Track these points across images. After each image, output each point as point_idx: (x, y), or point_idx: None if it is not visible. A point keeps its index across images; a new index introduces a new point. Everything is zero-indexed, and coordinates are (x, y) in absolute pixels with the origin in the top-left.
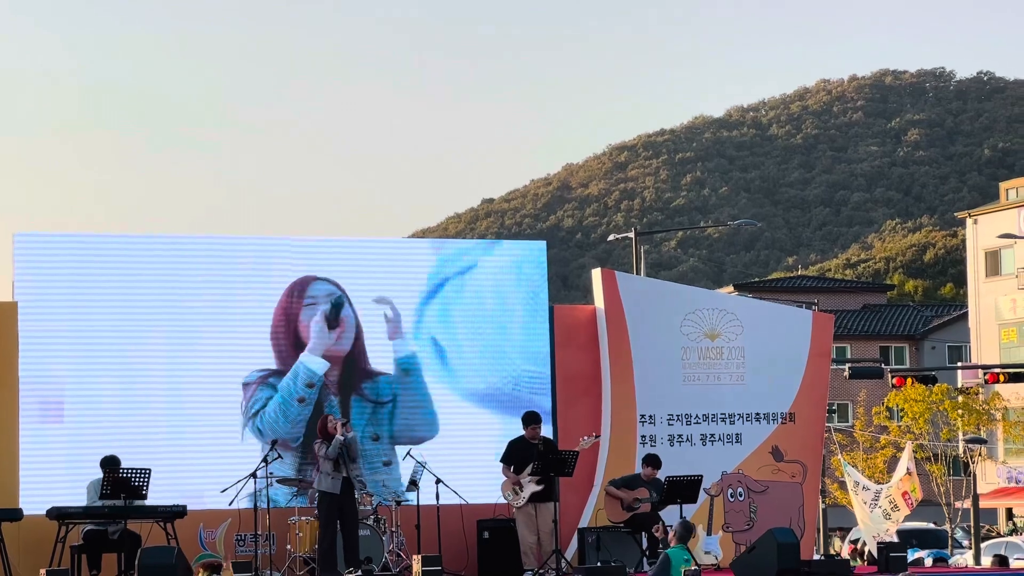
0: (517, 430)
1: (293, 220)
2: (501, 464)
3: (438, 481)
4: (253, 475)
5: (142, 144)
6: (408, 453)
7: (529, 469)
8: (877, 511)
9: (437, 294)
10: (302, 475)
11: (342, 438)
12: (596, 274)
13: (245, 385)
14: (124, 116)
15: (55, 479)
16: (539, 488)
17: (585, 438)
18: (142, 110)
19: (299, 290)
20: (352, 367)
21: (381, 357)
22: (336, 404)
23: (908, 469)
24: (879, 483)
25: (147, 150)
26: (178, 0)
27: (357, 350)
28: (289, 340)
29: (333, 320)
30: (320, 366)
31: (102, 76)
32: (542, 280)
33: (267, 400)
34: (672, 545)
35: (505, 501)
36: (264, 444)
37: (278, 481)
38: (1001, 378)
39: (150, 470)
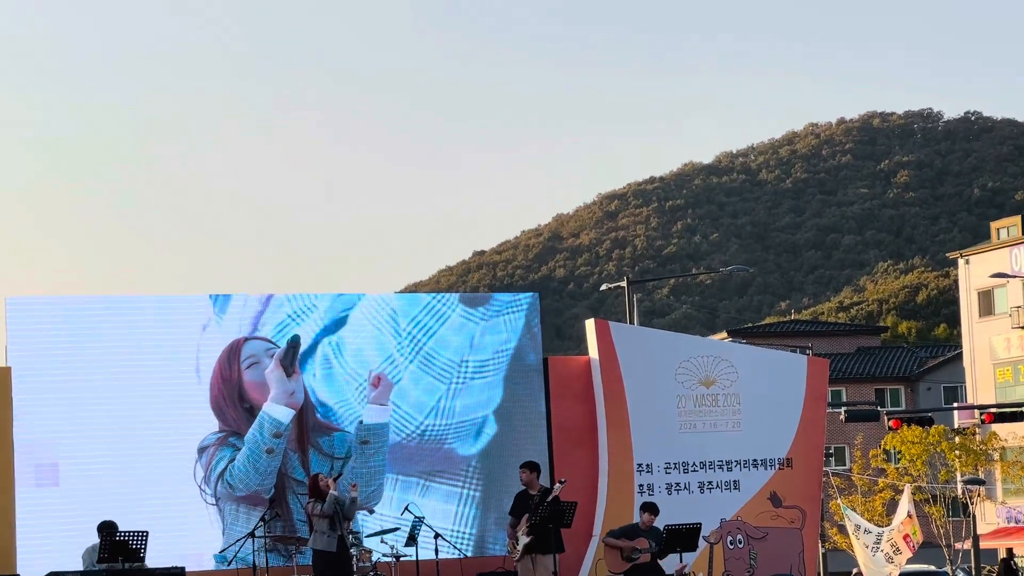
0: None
1: (286, 277)
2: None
3: (437, 536)
4: (251, 535)
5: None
6: (406, 508)
7: (524, 520)
8: (879, 555)
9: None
10: (289, 532)
11: (336, 494)
12: (590, 324)
13: (201, 449)
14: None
15: (52, 543)
16: (528, 539)
17: (555, 486)
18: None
19: (234, 353)
20: (305, 421)
21: (342, 415)
22: (296, 461)
23: (908, 512)
24: (880, 526)
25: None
26: (168, 62)
27: (308, 403)
28: (233, 403)
29: (289, 365)
30: (285, 415)
31: (88, 134)
32: (536, 332)
33: (232, 457)
34: None
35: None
36: (233, 500)
37: (274, 539)
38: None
39: (147, 532)
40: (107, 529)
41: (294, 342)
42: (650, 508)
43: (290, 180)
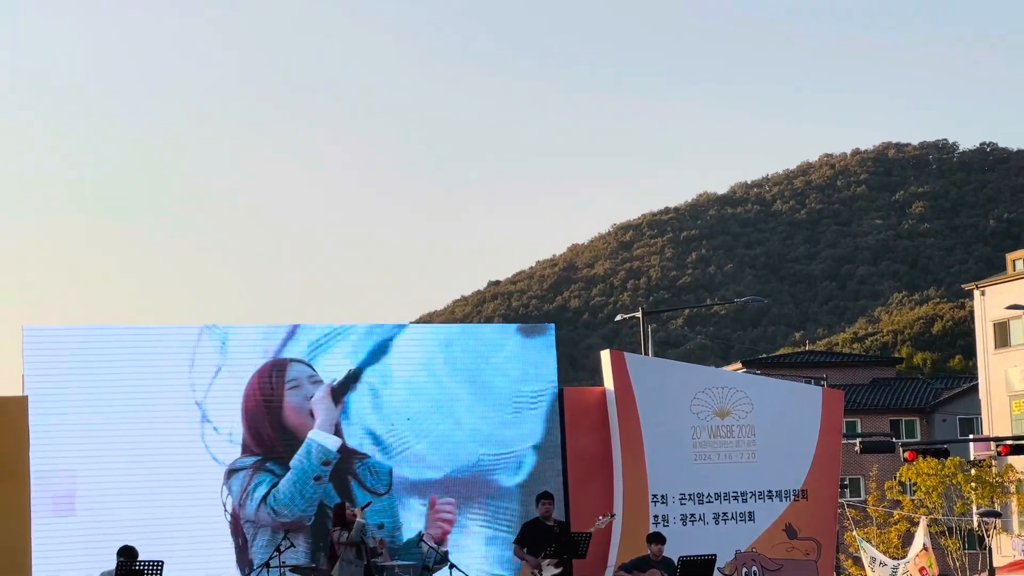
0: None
1: (299, 307)
2: (515, 546)
3: (452, 566)
4: (266, 565)
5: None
6: (421, 539)
7: (545, 554)
8: None
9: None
10: (315, 561)
11: (363, 522)
12: (605, 356)
13: (231, 472)
14: (125, 203)
15: (69, 572)
16: (558, 571)
17: (601, 518)
18: (143, 197)
19: (278, 373)
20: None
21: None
22: (331, 490)
23: (924, 544)
24: (895, 559)
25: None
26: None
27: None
28: (271, 423)
29: (340, 394)
30: (333, 443)
31: (102, 165)
32: (551, 363)
33: (273, 482)
34: None
35: None
36: (271, 527)
37: (290, 570)
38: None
39: (162, 562)
40: (126, 554)
41: (354, 375)
42: (657, 539)
43: (304, 209)
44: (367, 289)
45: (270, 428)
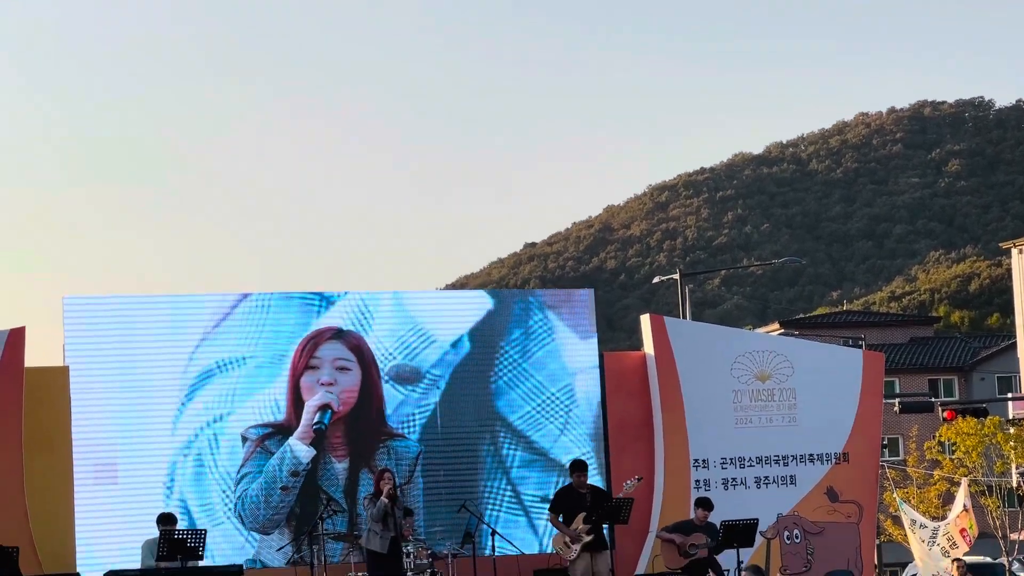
0: None
1: (335, 273)
2: (549, 514)
3: (494, 533)
4: (308, 532)
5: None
6: (463, 505)
7: (580, 519)
8: (935, 549)
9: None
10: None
11: (387, 502)
12: (645, 320)
13: (244, 439)
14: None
15: (111, 541)
16: (589, 539)
17: (627, 482)
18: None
19: (311, 345)
20: (359, 422)
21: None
22: (341, 473)
23: (965, 506)
24: (935, 520)
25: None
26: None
27: (376, 407)
28: (291, 397)
29: (318, 431)
30: (306, 454)
31: (141, 132)
32: (591, 327)
33: (253, 479)
34: None
35: (557, 551)
36: (244, 528)
37: (331, 538)
38: None
39: (205, 531)
40: (166, 521)
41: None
42: (704, 504)
43: (337, 174)
44: (401, 254)
45: (290, 402)
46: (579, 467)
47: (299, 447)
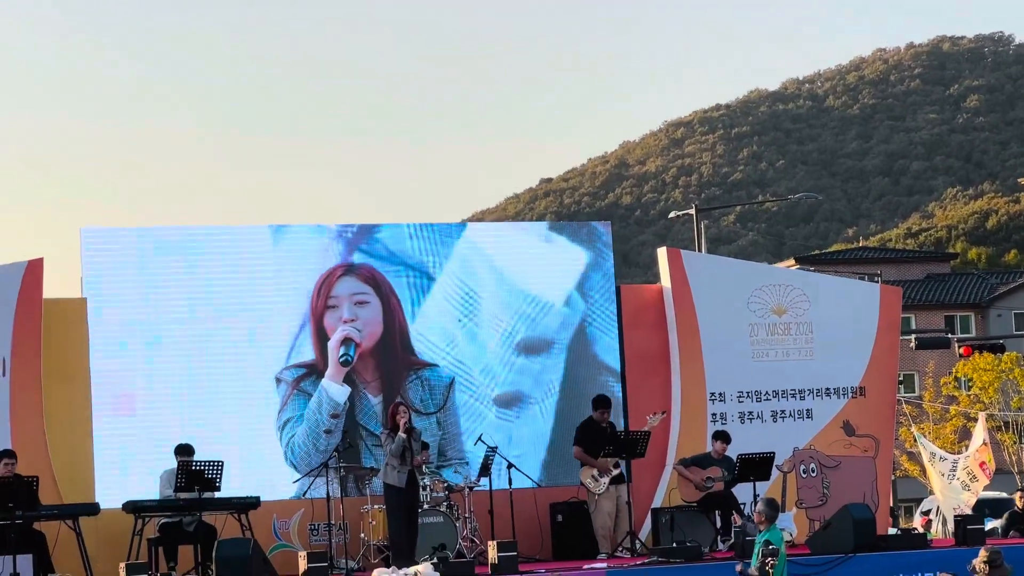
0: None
1: (346, 206)
2: (575, 448)
3: (510, 466)
4: (325, 465)
5: (208, 134)
6: (480, 439)
7: (604, 454)
8: (955, 482)
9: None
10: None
11: (404, 436)
12: (662, 253)
13: (278, 380)
14: (184, 107)
15: (129, 472)
16: (617, 471)
17: (651, 416)
18: (202, 100)
19: (330, 280)
20: (388, 354)
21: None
22: (377, 406)
23: (984, 440)
24: (953, 453)
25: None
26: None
27: (402, 339)
28: (316, 334)
29: (345, 363)
30: (341, 394)
31: (162, 69)
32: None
33: (297, 424)
34: (763, 529)
35: (585, 485)
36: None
37: (347, 470)
38: None
39: (223, 462)
40: (184, 452)
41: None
42: (722, 437)
43: (351, 105)
44: (417, 188)
45: (316, 345)
46: (603, 403)
47: (333, 387)
